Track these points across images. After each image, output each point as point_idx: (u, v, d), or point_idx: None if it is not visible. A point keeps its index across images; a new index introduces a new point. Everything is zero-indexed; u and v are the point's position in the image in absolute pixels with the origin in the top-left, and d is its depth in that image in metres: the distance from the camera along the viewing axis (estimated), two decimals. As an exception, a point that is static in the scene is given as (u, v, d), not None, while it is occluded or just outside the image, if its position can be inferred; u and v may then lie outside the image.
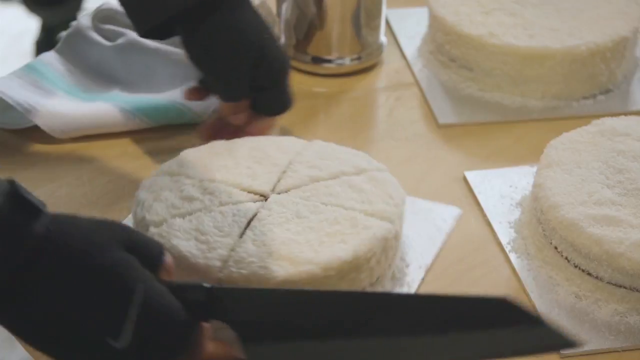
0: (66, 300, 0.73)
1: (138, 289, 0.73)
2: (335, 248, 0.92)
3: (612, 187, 1.01)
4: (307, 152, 1.05)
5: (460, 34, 1.28)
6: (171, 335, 0.75)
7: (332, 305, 0.77)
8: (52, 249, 0.73)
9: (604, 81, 1.29)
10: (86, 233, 0.75)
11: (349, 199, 0.98)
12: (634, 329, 0.94)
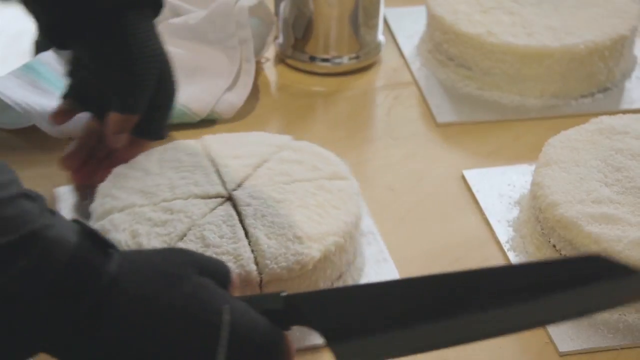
0: (154, 337, 0.72)
1: (225, 311, 0.73)
2: (336, 215, 0.96)
3: (611, 186, 1.01)
4: (216, 147, 1.05)
5: (459, 32, 1.28)
6: (262, 350, 0.75)
7: (411, 292, 0.77)
8: (128, 287, 0.72)
9: (602, 80, 1.29)
10: (158, 265, 0.75)
11: (301, 172, 1.01)
12: (632, 327, 0.94)
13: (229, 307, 0.74)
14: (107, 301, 0.71)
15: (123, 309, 0.71)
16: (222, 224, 0.94)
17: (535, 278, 0.74)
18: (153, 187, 0.98)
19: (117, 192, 0.97)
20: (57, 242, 0.69)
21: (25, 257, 0.68)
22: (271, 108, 1.27)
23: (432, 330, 0.74)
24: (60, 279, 0.69)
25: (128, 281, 0.72)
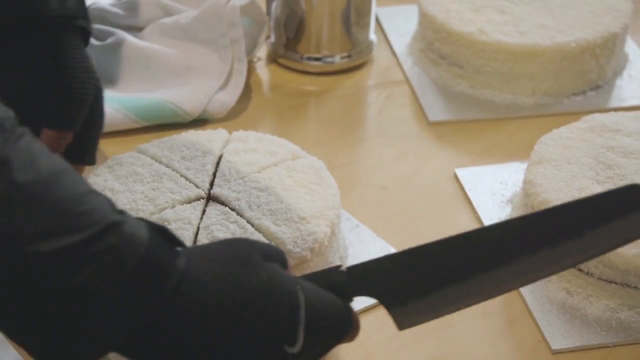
0: (235, 325, 0.71)
1: (299, 291, 0.74)
2: (322, 191, 0.99)
3: (602, 183, 1.01)
4: (160, 153, 1.04)
5: (450, 31, 1.28)
6: (336, 324, 0.77)
7: (459, 248, 0.79)
8: (202, 278, 0.71)
9: (593, 77, 1.29)
10: (228, 255, 0.75)
11: (262, 159, 1.03)
12: (625, 324, 0.94)
13: (300, 288, 0.75)
14: (180, 295, 0.69)
15: (197, 302, 0.70)
16: (226, 222, 0.95)
17: (575, 216, 0.78)
18: (132, 204, 0.97)
19: None
20: (132, 237, 0.68)
21: (105, 253, 0.66)
22: (263, 107, 1.27)
23: (483, 280, 0.78)
24: (135, 274, 0.68)
25: (202, 272, 0.71)
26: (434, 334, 0.94)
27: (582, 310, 0.96)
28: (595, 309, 0.96)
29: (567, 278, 0.98)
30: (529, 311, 0.96)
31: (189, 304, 0.70)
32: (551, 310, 0.96)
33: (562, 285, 0.98)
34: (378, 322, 0.95)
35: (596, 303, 0.96)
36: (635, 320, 0.95)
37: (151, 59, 1.24)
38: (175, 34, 1.27)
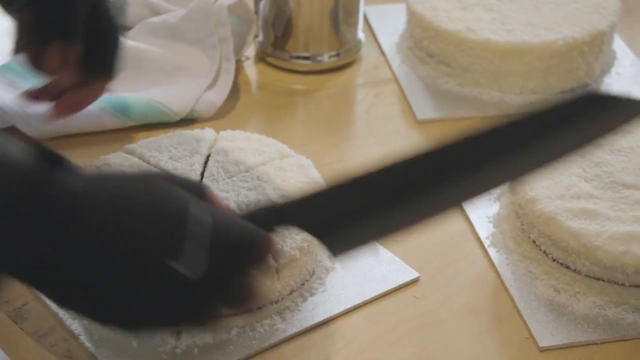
0: (122, 234, 0.71)
1: (191, 204, 0.73)
2: (301, 173, 1.01)
3: (590, 181, 1.01)
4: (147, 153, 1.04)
5: (438, 29, 1.28)
6: (243, 246, 0.76)
7: (391, 173, 0.80)
8: (95, 195, 0.71)
9: (582, 75, 1.29)
10: (128, 177, 0.76)
11: (250, 158, 1.03)
12: (612, 321, 0.95)
13: (195, 201, 0.74)
14: (69, 211, 0.70)
15: (88, 216, 0.70)
16: None
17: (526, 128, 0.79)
18: None
19: None
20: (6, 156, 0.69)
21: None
22: (251, 107, 1.27)
23: (419, 201, 0.78)
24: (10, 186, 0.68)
25: (94, 190, 0.72)
26: (420, 332, 0.94)
27: (569, 307, 0.96)
28: (582, 306, 0.96)
29: (555, 275, 0.98)
30: (516, 308, 0.96)
31: (78, 220, 0.70)
32: (539, 307, 0.96)
33: (549, 282, 0.98)
34: (366, 321, 0.95)
35: (583, 300, 0.96)
36: (623, 317, 0.95)
37: (139, 59, 1.24)
38: (163, 33, 1.26)
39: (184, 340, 0.91)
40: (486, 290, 0.99)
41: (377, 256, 1.02)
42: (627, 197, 0.99)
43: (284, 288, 0.94)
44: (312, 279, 0.97)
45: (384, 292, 0.98)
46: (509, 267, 1.01)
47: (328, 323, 0.95)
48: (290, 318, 0.94)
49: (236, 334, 0.92)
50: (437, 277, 1.01)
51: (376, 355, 0.92)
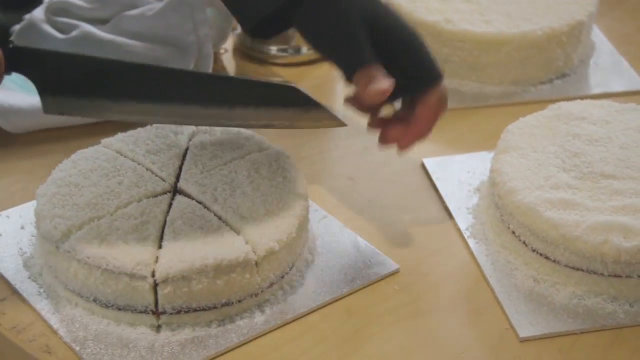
0: None
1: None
2: (289, 182, 1.00)
3: (569, 171, 1.01)
4: (124, 147, 1.04)
5: (417, 20, 1.28)
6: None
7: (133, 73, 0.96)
8: None
9: (560, 66, 1.30)
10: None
11: (229, 151, 1.03)
12: (591, 311, 0.95)
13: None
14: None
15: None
16: (192, 215, 0.95)
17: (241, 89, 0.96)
18: (97, 198, 0.96)
19: (64, 212, 0.95)
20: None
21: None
22: (230, 99, 1.27)
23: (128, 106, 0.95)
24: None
25: None
26: (400, 324, 0.94)
27: (549, 297, 0.96)
28: (562, 297, 0.96)
29: (534, 266, 0.98)
30: (496, 299, 0.97)
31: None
32: (518, 298, 0.96)
33: (529, 273, 0.98)
34: (346, 314, 0.95)
35: (563, 290, 0.96)
36: (602, 307, 0.95)
37: (116, 52, 1.23)
38: (140, 27, 1.25)
39: (163, 334, 0.91)
40: (466, 281, 1.00)
41: (358, 248, 1.01)
42: (605, 187, 0.99)
43: (264, 281, 0.93)
44: (292, 271, 0.97)
45: (364, 284, 0.98)
46: (489, 258, 1.01)
47: (308, 316, 0.94)
48: (270, 311, 0.94)
49: (215, 328, 0.92)
50: (417, 268, 1.01)
51: (357, 347, 0.92)
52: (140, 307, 0.91)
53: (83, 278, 0.91)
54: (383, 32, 0.99)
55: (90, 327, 0.92)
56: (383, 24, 1.00)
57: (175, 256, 0.90)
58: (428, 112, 1.01)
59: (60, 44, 1.23)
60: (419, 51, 1.01)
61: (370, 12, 0.99)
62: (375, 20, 0.99)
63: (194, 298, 0.90)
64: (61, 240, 0.92)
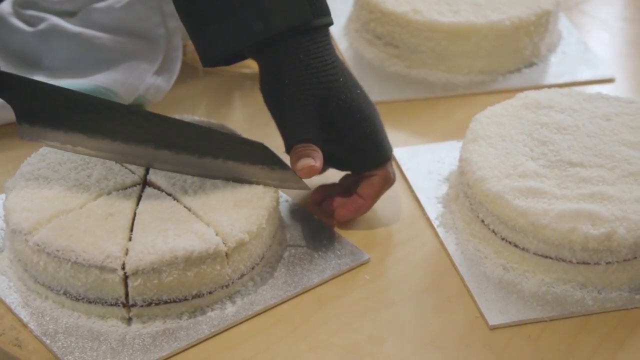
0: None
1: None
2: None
3: (537, 159, 1.02)
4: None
5: (385, 11, 1.29)
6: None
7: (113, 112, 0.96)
8: None
9: (528, 55, 1.30)
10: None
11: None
12: (560, 298, 0.96)
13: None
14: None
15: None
16: (163, 208, 0.95)
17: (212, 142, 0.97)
18: (66, 191, 0.96)
19: (33, 205, 0.94)
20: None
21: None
22: (199, 91, 1.27)
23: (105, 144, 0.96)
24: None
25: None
26: (372, 314, 0.94)
27: (518, 285, 0.97)
28: (531, 284, 0.97)
29: (504, 254, 0.99)
30: (466, 288, 0.97)
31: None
32: (488, 286, 0.97)
33: (498, 261, 0.99)
34: (318, 304, 0.95)
35: (532, 278, 0.97)
36: (570, 294, 0.96)
37: (84, 45, 1.22)
38: (108, 19, 1.25)
39: (134, 327, 0.91)
40: (436, 270, 1.00)
41: (328, 239, 1.02)
42: (573, 175, 1.00)
43: (234, 272, 0.94)
44: (262, 262, 0.97)
45: (334, 274, 0.98)
46: (459, 246, 1.02)
47: (279, 306, 0.95)
48: (241, 302, 0.94)
49: (187, 319, 0.92)
50: (387, 258, 1.01)
51: (327, 337, 0.92)
52: (111, 300, 0.91)
53: (53, 271, 0.91)
54: (335, 110, 1.00)
55: (60, 320, 0.91)
56: (335, 102, 0.99)
57: (145, 248, 0.89)
58: (370, 191, 1.03)
59: (28, 36, 1.23)
60: (369, 133, 1.01)
61: (324, 89, 0.99)
62: (327, 99, 0.99)
63: (164, 290, 0.90)
64: (30, 234, 0.92)
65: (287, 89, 0.99)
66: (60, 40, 1.22)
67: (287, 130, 1.01)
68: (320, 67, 0.99)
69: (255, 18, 0.97)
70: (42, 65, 1.23)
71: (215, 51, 1.01)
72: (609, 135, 1.05)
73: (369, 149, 1.02)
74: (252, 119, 1.21)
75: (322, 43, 1.00)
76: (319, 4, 1.00)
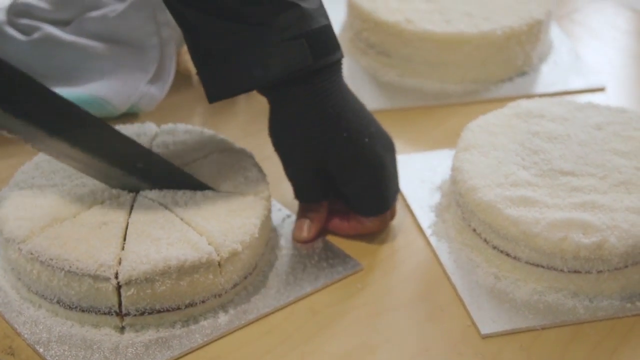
0: None
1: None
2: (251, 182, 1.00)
3: (528, 168, 1.03)
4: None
5: (377, 20, 1.29)
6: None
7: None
8: None
9: (520, 64, 1.31)
10: None
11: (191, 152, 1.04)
12: (552, 307, 0.96)
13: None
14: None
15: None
16: (156, 217, 0.95)
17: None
18: (60, 200, 0.96)
19: (26, 214, 0.95)
20: None
21: None
22: (193, 100, 1.27)
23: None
24: None
25: None
26: (364, 322, 0.95)
27: (510, 294, 0.97)
28: (523, 293, 0.97)
29: (496, 263, 0.99)
30: (458, 296, 0.97)
31: None
32: (480, 295, 0.97)
33: (490, 270, 0.99)
34: (310, 312, 0.95)
35: (524, 287, 0.98)
36: (562, 303, 0.96)
37: (78, 54, 1.23)
38: (102, 28, 1.25)
39: (127, 336, 0.91)
40: (428, 279, 1.00)
41: (321, 248, 1.02)
42: (564, 184, 1.00)
43: (227, 282, 0.94)
44: (255, 272, 0.98)
45: (327, 283, 0.98)
46: (451, 255, 1.02)
47: (271, 315, 0.95)
48: (234, 311, 0.94)
49: (180, 328, 0.92)
50: (380, 267, 1.02)
51: (320, 345, 0.92)
52: (104, 309, 0.91)
53: (46, 280, 0.91)
54: (335, 166, 0.99)
55: (54, 328, 0.92)
56: (337, 159, 0.99)
57: (139, 258, 0.90)
58: (372, 225, 1.04)
59: (22, 45, 1.23)
60: (369, 185, 1.00)
61: (323, 150, 0.98)
62: (328, 158, 0.99)
63: (157, 299, 0.91)
64: (24, 242, 0.92)
65: (288, 144, 0.99)
66: (54, 49, 1.23)
67: (292, 185, 1.03)
68: (321, 123, 0.97)
69: (255, 62, 0.94)
70: (36, 74, 1.22)
71: (217, 91, 0.98)
72: (600, 144, 1.06)
73: (367, 200, 1.02)
74: (246, 127, 1.21)
75: (325, 88, 0.97)
76: (324, 42, 0.96)
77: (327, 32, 0.96)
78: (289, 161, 1.01)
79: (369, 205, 1.02)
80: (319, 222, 1.03)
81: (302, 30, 0.94)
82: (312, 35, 0.94)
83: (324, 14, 0.97)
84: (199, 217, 0.95)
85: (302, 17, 0.94)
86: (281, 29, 0.93)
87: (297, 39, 0.93)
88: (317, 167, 1.00)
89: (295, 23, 0.94)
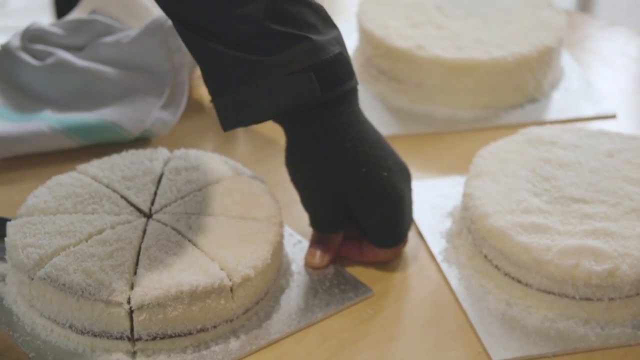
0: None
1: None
2: (264, 207, 1.01)
3: (539, 195, 1.03)
4: (100, 173, 1.04)
5: (389, 47, 1.30)
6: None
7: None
8: None
9: (530, 91, 1.31)
10: None
11: (204, 177, 1.04)
12: (563, 334, 0.96)
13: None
14: None
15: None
16: (167, 242, 0.95)
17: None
18: (70, 226, 0.96)
19: (36, 240, 0.95)
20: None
21: None
22: (205, 125, 1.27)
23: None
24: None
25: None
26: (375, 348, 0.95)
27: (521, 321, 0.97)
28: (534, 320, 0.97)
29: (507, 290, 0.99)
30: (469, 323, 0.97)
31: None
32: (491, 321, 0.97)
33: (501, 297, 0.99)
34: (320, 338, 0.95)
35: (535, 314, 0.98)
36: (573, 330, 0.96)
37: (91, 79, 1.23)
38: (115, 54, 1.26)
39: (139, 360, 0.91)
40: (439, 305, 1.00)
41: (332, 273, 1.02)
42: (576, 211, 1.01)
43: (239, 307, 0.94)
44: (267, 297, 0.98)
45: (338, 309, 0.98)
46: (462, 281, 1.02)
47: (282, 341, 0.95)
48: (245, 337, 0.94)
49: (191, 353, 0.92)
50: (391, 292, 1.02)
51: (331, 372, 0.92)
52: (116, 334, 0.91)
53: (58, 305, 0.91)
54: (352, 201, 0.99)
55: (66, 353, 0.92)
56: (353, 195, 0.99)
57: (151, 283, 0.90)
58: (385, 256, 1.04)
59: (36, 70, 1.24)
60: (383, 219, 1.01)
61: (340, 186, 0.98)
62: (344, 194, 0.99)
63: (169, 324, 0.91)
64: (33, 270, 0.93)
65: (305, 177, 0.99)
66: (68, 74, 1.24)
67: (309, 215, 1.02)
68: (338, 157, 0.97)
69: (263, 94, 0.94)
70: (49, 100, 1.24)
71: (230, 120, 0.97)
72: (611, 171, 1.06)
73: (384, 232, 1.02)
74: (257, 152, 1.22)
75: (342, 122, 0.97)
76: (335, 72, 0.96)
77: (339, 61, 0.96)
78: (306, 194, 1.01)
79: (385, 237, 1.03)
80: (333, 251, 1.03)
81: (311, 62, 0.93)
82: (321, 67, 0.94)
83: (339, 42, 0.97)
84: (211, 243, 0.95)
85: (312, 49, 0.94)
86: (287, 62, 0.93)
87: (304, 71, 0.93)
88: (335, 200, 1.00)
89: (303, 56, 0.93)
